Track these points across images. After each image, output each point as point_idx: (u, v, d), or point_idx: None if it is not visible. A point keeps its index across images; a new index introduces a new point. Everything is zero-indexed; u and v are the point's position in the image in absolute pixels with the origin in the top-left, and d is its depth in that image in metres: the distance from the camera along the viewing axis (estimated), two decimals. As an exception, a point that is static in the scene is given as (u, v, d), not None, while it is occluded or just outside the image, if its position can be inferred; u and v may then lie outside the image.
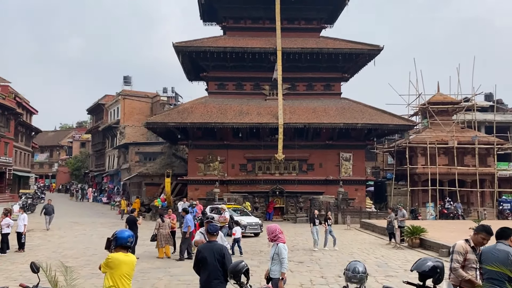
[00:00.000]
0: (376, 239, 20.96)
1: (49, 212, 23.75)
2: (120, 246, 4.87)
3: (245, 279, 5.52)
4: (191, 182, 32.00)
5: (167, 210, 17.57)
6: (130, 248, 4.97)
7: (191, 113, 31.26)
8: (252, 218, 22.47)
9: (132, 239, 4.93)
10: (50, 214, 23.77)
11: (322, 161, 32.34)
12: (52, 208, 24.06)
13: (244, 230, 19.15)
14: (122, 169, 48.38)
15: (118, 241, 4.86)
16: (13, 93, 46.39)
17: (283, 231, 7.06)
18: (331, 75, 34.11)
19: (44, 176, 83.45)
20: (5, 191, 43.08)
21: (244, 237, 17.99)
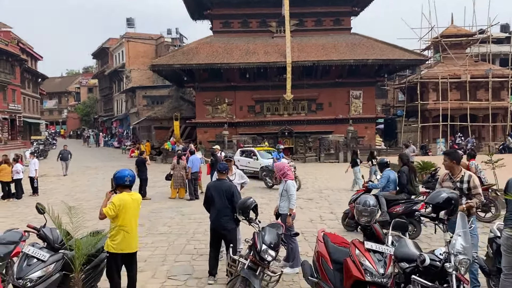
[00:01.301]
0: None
1: (65, 158, 23.50)
2: (120, 185, 4.77)
3: (254, 215, 5.49)
4: (200, 125, 31.93)
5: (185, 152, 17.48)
6: (130, 187, 4.87)
7: (196, 54, 30.54)
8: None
9: (131, 178, 4.82)
10: (66, 160, 23.56)
11: (331, 100, 31.86)
12: (68, 153, 23.86)
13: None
14: (131, 113, 48.39)
15: (116, 181, 4.77)
16: (16, 39, 45.63)
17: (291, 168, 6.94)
18: (340, 9, 32.76)
19: (55, 123, 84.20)
20: (16, 138, 43.63)
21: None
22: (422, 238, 8.68)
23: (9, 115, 42.20)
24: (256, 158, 20.21)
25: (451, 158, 5.73)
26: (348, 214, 9.47)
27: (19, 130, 45.51)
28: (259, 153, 20.64)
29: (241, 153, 21.81)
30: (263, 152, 21.55)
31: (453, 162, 5.71)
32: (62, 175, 23.09)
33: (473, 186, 5.49)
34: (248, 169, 19.73)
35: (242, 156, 21.27)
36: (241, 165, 20.18)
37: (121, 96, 53.58)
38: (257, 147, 23.06)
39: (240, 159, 20.79)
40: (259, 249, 4.92)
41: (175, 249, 8.37)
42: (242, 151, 22.25)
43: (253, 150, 21.11)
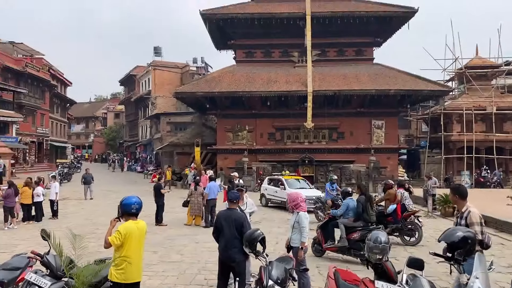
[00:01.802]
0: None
1: (88, 181, 23.65)
2: (126, 213, 4.75)
3: (261, 247, 5.36)
4: (220, 151, 32.09)
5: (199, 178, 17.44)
6: (137, 215, 4.84)
7: (219, 82, 31.01)
8: (312, 191, 18.73)
9: (138, 205, 4.77)
10: (89, 184, 23.68)
11: (353, 129, 31.62)
12: (91, 177, 23.98)
13: None
14: (154, 138, 49.16)
15: (123, 208, 4.74)
16: (47, 66, 47.39)
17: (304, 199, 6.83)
18: (363, 40, 32.90)
19: (81, 147, 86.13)
20: (43, 160, 44.73)
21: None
22: (442, 276, 8.34)
23: (37, 139, 43.45)
24: (283, 188, 19.21)
25: (454, 192, 5.50)
26: (315, 240, 10.06)
27: (45, 153, 46.71)
28: (287, 182, 19.65)
29: (268, 182, 21.09)
30: (292, 180, 20.45)
31: (456, 197, 5.46)
32: (83, 198, 23.25)
33: (470, 223, 5.12)
34: (275, 199, 19.33)
35: (270, 185, 20.60)
36: (268, 194, 20.24)
37: (146, 122, 54.60)
38: (286, 175, 22.22)
39: (268, 188, 20.47)
40: (265, 285, 4.78)
41: (186, 279, 8.27)
42: (270, 179, 21.46)
43: (280, 179, 20.24)
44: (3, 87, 34.43)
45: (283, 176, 21.65)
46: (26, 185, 15.65)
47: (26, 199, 15.47)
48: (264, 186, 21.04)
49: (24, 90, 38.50)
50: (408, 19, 31.62)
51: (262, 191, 20.92)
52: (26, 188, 15.50)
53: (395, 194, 11.98)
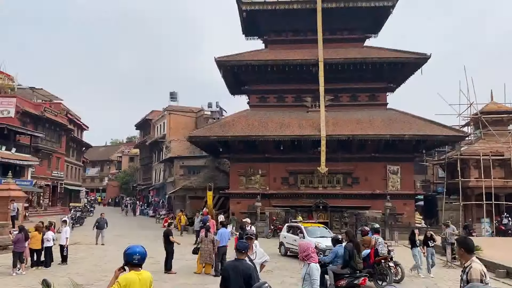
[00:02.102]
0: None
1: (101, 226, 23.07)
2: (129, 263, 4.54)
3: (270, 301, 5.06)
4: (233, 195, 31.80)
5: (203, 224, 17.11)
6: (140, 266, 4.62)
7: (232, 127, 31.22)
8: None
9: (141, 256, 4.56)
10: (102, 228, 23.09)
11: (367, 175, 31.19)
12: (105, 222, 23.43)
13: (323, 255, 14.44)
14: (168, 182, 49.15)
15: (126, 257, 4.55)
16: (65, 110, 48.56)
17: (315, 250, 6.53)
18: (376, 85, 33.09)
19: (95, 190, 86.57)
20: (56, 204, 44.85)
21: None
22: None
23: (51, 182, 43.81)
24: (302, 236, 17.76)
25: (460, 245, 5.20)
26: None
27: (59, 197, 46.93)
28: (307, 229, 18.38)
29: (287, 229, 19.89)
30: (312, 228, 19.15)
31: (461, 250, 5.16)
32: (95, 243, 22.86)
33: (470, 279, 4.85)
34: (295, 248, 17.76)
35: (289, 233, 19.37)
36: (287, 242, 19.01)
37: (160, 166, 54.87)
38: (305, 223, 20.85)
39: (287, 236, 19.36)
40: None
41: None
42: (289, 226, 20.19)
43: (299, 226, 18.96)
44: (21, 131, 35.16)
45: (302, 223, 20.48)
46: (36, 230, 15.52)
47: (35, 244, 15.29)
48: (282, 234, 20.03)
49: (42, 134, 39.28)
50: (421, 65, 31.83)
51: (281, 239, 19.84)
52: (36, 233, 15.36)
53: (370, 239, 12.81)
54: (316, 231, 18.65)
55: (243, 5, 32.72)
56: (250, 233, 7.78)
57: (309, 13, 32.41)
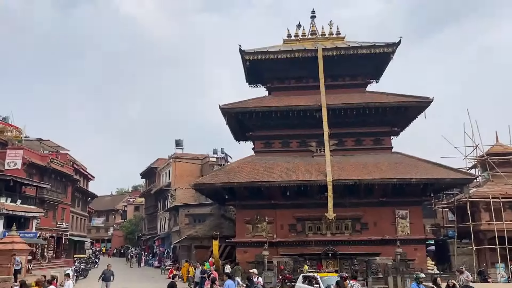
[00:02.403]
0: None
1: (108, 278, 22.18)
2: None
3: None
4: (240, 244, 31.15)
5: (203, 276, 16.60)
6: None
7: (237, 173, 31.12)
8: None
9: None
10: (109, 280, 22.20)
11: (376, 220, 30.63)
12: (111, 273, 22.52)
13: None
14: (173, 231, 48.48)
15: None
16: (71, 160, 48.85)
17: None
18: (380, 130, 33.19)
19: (100, 240, 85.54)
20: (61, 256, 44.15)
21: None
22: None
23: (56, 233, 43.37)
24: (318, 287, 17.10)
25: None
26: None
27: (64, 248, 46.29)
28: (323, 280, 17.44)
29: (303, 280, 19.04)
30: (329, 278, 17.96)
31: None
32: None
33: None
34: None
35: (305, 283, 18.47)
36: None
37: (165, 215, 54.36)
38: (321, 273, 20.19)
39: (302, 287, 18.50)
40: None
41: None
42: (305, 277, 19.39)
43: (315, 277, 18.18)
44: (27, 183, 35.23)
45: (317, 273, 19.70)
46: (37, 285, 15.13)
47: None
48: (298, 285, 19.03)
49: (48, 185, 39.31)
50: (424, 109, 32.01)
51: None
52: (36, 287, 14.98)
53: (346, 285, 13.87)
54: (332, 281, 17.09)
55: (246, 55, 33.54)
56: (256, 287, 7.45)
57: (311, 60, 33.10)
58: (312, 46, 34.07)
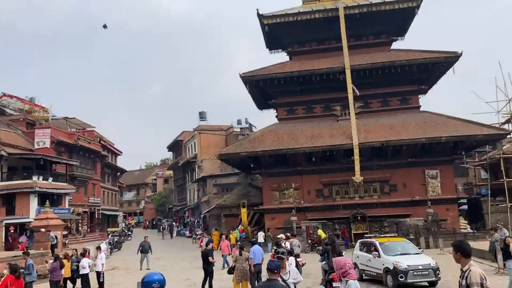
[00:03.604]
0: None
1: (146, 250, 22.13)
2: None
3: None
4: (268, 211, 31.27)
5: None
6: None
7: (262, 142, 30.88)
8: (420, 258, 14.03)
9: (159, 284, 4.19)
10: (147, 252, 22.14)
11: (405, 181, 30.05)
12: (149, 245, 22.39)
13: (405, 278, 12.90)
14: (202, 202, 49.17)
15: (143, 286, 4.19)
16: (98, 137, 49.59)
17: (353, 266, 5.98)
18: (406, 88, 32.11)
19: (133, 214, 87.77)
20: (95, 230, 45.50)
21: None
22: None
23: (89, 209, 44.56)
24: (377, 255, 14.30)
25: (456, 250, 4.90)
26: None
27: (97, 223, 47.64)
28: (383, 246, 14.58)
29: (360, 247, 16.05)
30: (391, 244, 15.14)
31: (458, 255, 4.87)
32: (139, 268, 21.92)
33: (470, 283, 4.61)
34: (370, 271, 14.73)
35: (362, 251, 15.65)
36: (361, 263, 15.40)
37: (193, 186, 55.06)
38: (380, 237, 16.62)
39: (360, 256, 15.68)
40: None
41: None
42: (362, 243, 16.19)
43: (374, 243, 15.07)
44: (56, 161, 36.01)
45: (376, 238, 16.25)
46: (65, 258, 15.49)
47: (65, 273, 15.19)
48: (355, 253, 16.12)
49: (76, 162, 40.13)
50: (452, 64, 30.71)
51: (354, 260, 15.51)
52: (65, 261, 15.32)
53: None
54: (395, 247, 14.78)
55: (264, 19, 32.63)
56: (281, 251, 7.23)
57: (332, 21, 31.94)
58: (332, 5, 32.85)
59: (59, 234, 26.32)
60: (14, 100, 43.30)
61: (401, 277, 12.87)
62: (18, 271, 9.98)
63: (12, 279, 9.57)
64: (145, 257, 22.21)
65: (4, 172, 32.68)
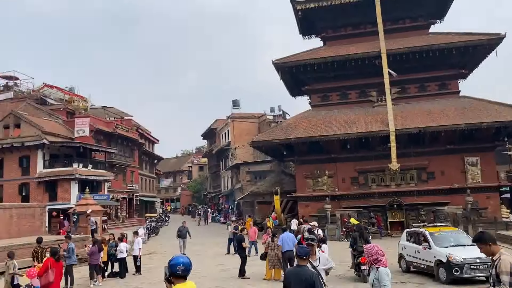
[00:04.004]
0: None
1: (184, 235, 22.35)
2: (173, 275, 4.22)
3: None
4: (301, 198, 31.16)
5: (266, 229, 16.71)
6: (184, 278, 4.28)
7: (295, 129, 30.66)
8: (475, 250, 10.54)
9: (185, 267, 4.21)
10: (184, 237, 22.36)
11: (443, 168, 29.18)
12: (186, 230, 22.54)
13: (460, 272, 11.74)
14: (236, 188, 49.60)
15: (170, 269, 4.23)
16: (136, 126, 50.71)
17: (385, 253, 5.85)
18: (446, 73, 31.00)
19: (170, 200, 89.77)
20: (133, 216, 46.78)
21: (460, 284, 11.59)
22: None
23: (127, 195, 45.80)
24: (428, 246, 13.07)
25: (484, 242, 4.71)
26: None
27: (136, 209, 48.92)
28: (433, 236, 13.35)
29: (407, 237, 14.75)
30: (442, 234, 13.75)
31: (488, 246, 4.68)
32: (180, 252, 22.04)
33: (499, 271, 4.44)
34: (418, 262, 13.53)
35: (410, 241, 14.32)
36: (408, 254, 14.13)
37: (227, 173, 55.60)
38: (429, 227, 14.74)
39: (407, 246, 14.30)
40: None
41: None
42: (409, 233, 14.84)
43: (423, 233, 13.64)
44: (96, 149, 37.12)
45: (426, 227, 14.55)
46: (102, 242, 16.01)
47: (102, 257, 15.75)
48: (402, 244, 14.81)
49: (115, 150, 41.22)
50: (495, 47, 29.33)
51: (400, 251, 14.79)
52: (103, 245, 15.85)
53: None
54: (447, 238, 13.47)
55: (297, 4, 32.19)
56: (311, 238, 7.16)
57: (367, 5, 31.12)
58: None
59: (98, 219, 27.24)
60: (55, 90, 44.80)
61: (456, 271, 11.73)
62: (58, 254, 10.39)
63: (52, 261, 9.97)
64: (182, 241, 22.48)
65: (46, 160, 34.01)
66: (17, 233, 24.73)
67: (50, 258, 10.10)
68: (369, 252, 5.80)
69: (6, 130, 34.79)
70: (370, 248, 5.85)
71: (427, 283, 12.51)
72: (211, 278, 15.06)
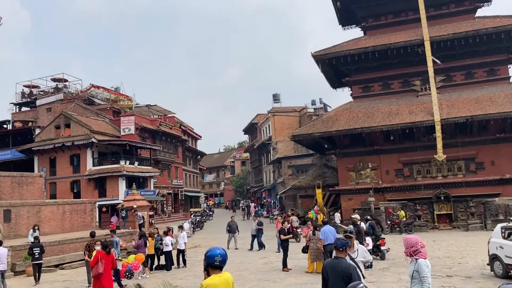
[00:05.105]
0: None
1: (233, 230, 22.39)
2: (210, 266, 4.35)
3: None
4: (344, 192, 30.80)
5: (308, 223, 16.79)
6: (221, 268, 4.41)
7: (336, 121, 30.30)
8: None
9: (222, 258, 4.34)
10: (234, 232, 22.41)
11: (493, 158, 27.95)
12: (236, 225, 22.63)
13: None
14: (278, 183, 49.69)
15: (207, 260, 4.37)
16: (179, 123, 51.80)
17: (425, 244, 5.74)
18: (494, 58, 29.60)
19: (214, 195, 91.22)
20: (178, 210, 47.96)
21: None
22: None
23: (172, 190, 46.98)
24: None
25: None
26: None
27: (181, 203, 50.11)
28: None
29: (503, 233, 11.93)
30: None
31: None
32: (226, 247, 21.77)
33: None
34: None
35: (508, 239, 11.63)
36: (506, 255, 11.32)
37: (269, 167, 55.75)
38: None
39: (504, 245, 11.46)
40: None
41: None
42: (506, 228, 12.04)
43: None
44: (141, 146, 38.29)
45: None
46: (149, 236, 16.54)
47: (149, 250, 16.26)
48: (495, 242, 12.02)
49: (159, 147, 42.36)
50: (548, 29, 27.67)
51: (492, 250, 12.04)
52: (149, 238, 16.37)
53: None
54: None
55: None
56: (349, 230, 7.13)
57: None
58: (408, -27, 30.99)
59: (145, 214, 28.18)
60: (101, 91, 46.48)
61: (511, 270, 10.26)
62: (109, 247, 10.88)
63: (103, 254, 10.45)
64: (232, 236, 22.54)
65: (95, 157, 35.47)
66: (70, 228, 26.07)
67: (100, 251, 10.59)
68: (409, 243, 5.71)
69: (58, 130, 36.50)
70: (410, 239, 5.76)
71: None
72: (253, 271, 15.25)
